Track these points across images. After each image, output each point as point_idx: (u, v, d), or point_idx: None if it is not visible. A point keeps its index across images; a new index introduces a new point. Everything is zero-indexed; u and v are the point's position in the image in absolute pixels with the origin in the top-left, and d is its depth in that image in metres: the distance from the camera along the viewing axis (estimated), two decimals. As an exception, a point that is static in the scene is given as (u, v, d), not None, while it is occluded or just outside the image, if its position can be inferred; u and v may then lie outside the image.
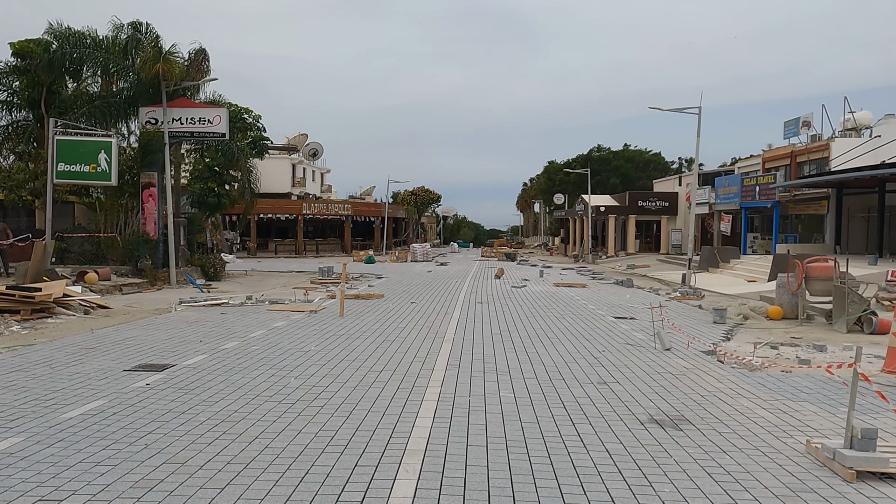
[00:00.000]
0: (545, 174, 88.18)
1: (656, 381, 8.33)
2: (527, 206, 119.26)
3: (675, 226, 46.16)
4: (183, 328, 12.30)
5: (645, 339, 11.60)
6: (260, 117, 32.82)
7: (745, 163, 43.52)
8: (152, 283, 20.80)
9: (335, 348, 10.28)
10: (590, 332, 12.51)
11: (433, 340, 11.16)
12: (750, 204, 35.23)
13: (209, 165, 28.15)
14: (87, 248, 22.51)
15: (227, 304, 16.48)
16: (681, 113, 24.45)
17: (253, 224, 51.51)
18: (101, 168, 18.02)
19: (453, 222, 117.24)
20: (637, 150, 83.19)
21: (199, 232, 25.13)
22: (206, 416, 6.40)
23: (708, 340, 11.68)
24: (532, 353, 10.15)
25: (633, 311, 16.02)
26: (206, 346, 10.39)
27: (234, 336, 11.43)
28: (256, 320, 13.53)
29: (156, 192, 21.79)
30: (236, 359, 9.33)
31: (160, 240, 21.82)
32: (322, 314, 14.71)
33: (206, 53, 22.63)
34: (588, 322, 13.95)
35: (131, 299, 17.54)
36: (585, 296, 20.16)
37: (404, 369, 8.70)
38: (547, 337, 11.79)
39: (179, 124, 21.67)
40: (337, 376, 8.24)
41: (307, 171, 71.37)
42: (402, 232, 73.60)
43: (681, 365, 9.41)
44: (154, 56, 20.07)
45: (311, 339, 11.19)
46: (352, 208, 56.88)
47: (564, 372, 8.74)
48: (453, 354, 9.80)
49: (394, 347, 10.41)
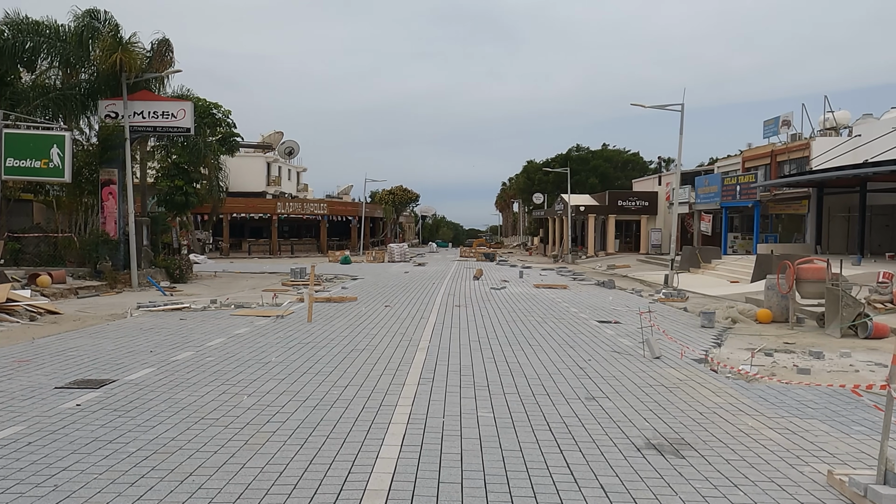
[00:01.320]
0: (524, 174, 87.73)
1: (649, 395, 7.59)
2: (506, 205, 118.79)
3: (655, 225, 45.81)
4: (135, 336, 11.33)
5: (632, 346, 10.89)
6: (230, 113, 31.69)
7: (724, 162, 43.28)
8: (112, 286, 19.70)
9: (298, 359, 9.40)
10: (573, 338, 11.78)
11: (406, 349, 10.33)
12: (731, 203, 34.88)
13: (176, 163, 27.01)
14: (44, 248, 21.29)
15: (189, 308, 15.50)
16: (663, 110, 23.88)
17: (226, 224, 50.22)
18: (54, 164, 16.86)
19: (432, 222, 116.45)
20: (616, 149, 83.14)
21: (164, 232, 23.99)
22: (137, 446, 5.51)
23: (698, 347, 11.00)
24: (513, 362, 9.37)
25: (617, 315, 15.34)
26: (155, 357, 9.46)
27: (189, 345, 10.49)
28: (217, 327, 12.59)
29: (116, 189, 20.65)
30: (187, 372, 8.42)
31: (121, 240, 20.68)
32: (289, 319, 13.80)
33: (170, 44, 21.51)
34: (571, 327, 13.22)
35: (86, 304, 16.47)
36: (567, 298, 19.47)
37: (372, 384, 7.86)
38: (528, 344, 11.03)
39: (141, 118, 20.53)
40: (296, 393, 7.38)
41: (283, 169, 70.05)
42: (379, 232, 72.59)
43: (673, 376, 8.70)
44: (112, 45, 18.92)
45: (273, 348, 10.30)
46: (328, 208, 55.78)
47: (548, 385, 7.97)
48: (427, 365, 8.98)
49: (363, 357, 9.57)
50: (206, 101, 29.64)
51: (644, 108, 24.64)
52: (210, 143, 25.99)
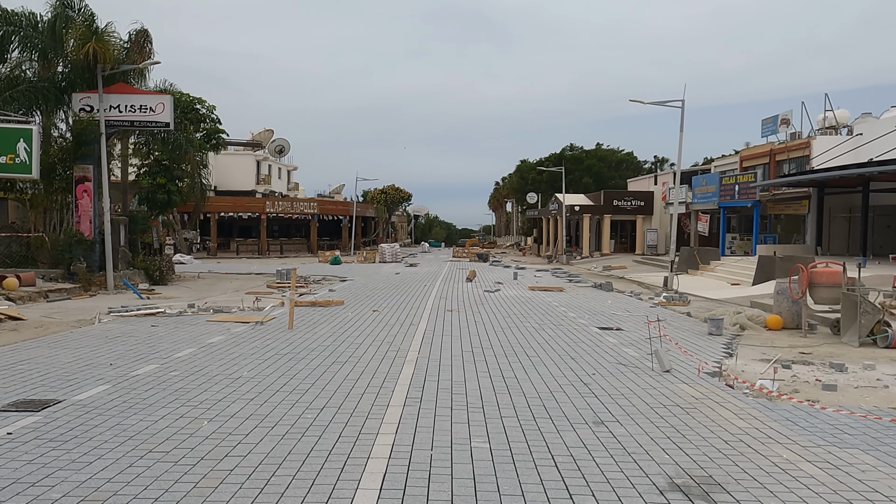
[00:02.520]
0: (517, 173, 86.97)
1: (663, 417, 6.75)
2: (499, 205, 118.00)
3: (651, 226, 45.06)
4: (97, 346, 10.40)
5: (638, 357, 10.05)
6: (214, 108, 30.67)
7: (721, 161, 42.57)
8: (86, 289, 18.70)
9: (273, 374, 8.50)
10: (574, 347, 10.92)
11: (393, 361, 9.45)
12: (729, 203, 34.15)
13: (158, 160, 25.99)
14: (15, 249, 20.27)
15: (164, 313, 14.55)
16: (661, 107, 23.09)
17: (213, 223, 49.17)
18: (21, 159, 15.85)
19: (425, 222, 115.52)
20: (609, 149, 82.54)
21: (143, 231, 22.98)
22: (63, 490, 4.60)
23: (708, 357, 10.18)
24: (510, 377, 8.51)
25: (618, 321, 14.50)
26: (114, 371, 8.53)
27: (155, 357, 9.57)
28: (190, 335, 11.66)
29: (91, 186, 19.65)
30: (145, 391, 7.51)
31: (96, 240, 19.68)
32: (269, 325, 12.89)
33: (149, 35, 20.51)
34: (570, 334, 12.36)
35: (55, 308, 15.49)
36: (563, 301, 18.63)
37: (352, 405, 6.97)
38: (526, 354, 10.16)
39: (118, 112, 19.54)
40: (264, 417, 6.49)
41: (273, 168, 69.02)
42: (371, 231, 71.65)
43: (687, 393, 7.86)
44: (85, 34, 17.92)
45: (247, 360, 9.40)
46: (318, 207, 54.77)
47: (550, 406, 7.11)
48: (415, 382, 8.10)
49: (345, 372, 8.67)
50: (189, 96, 28.63)
51: (638, 108, 23.85)
52: (192, 138, 24.97)
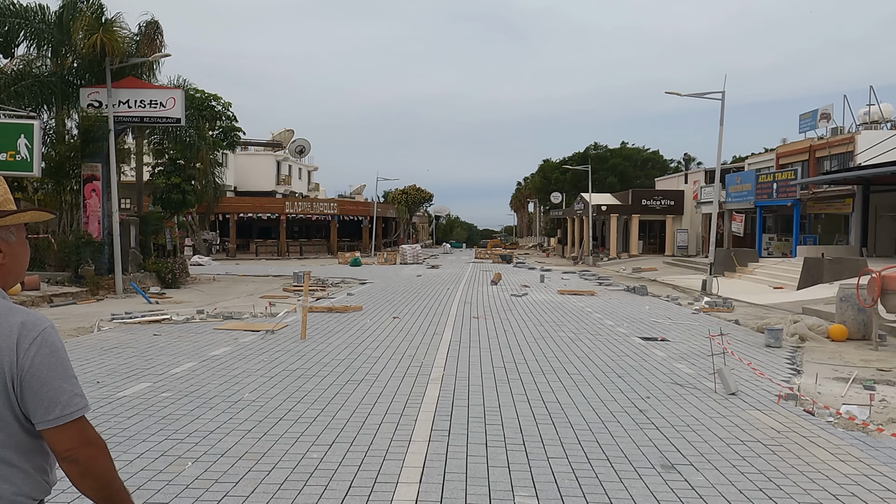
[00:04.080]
0: (540, 173, 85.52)
1: (746, 459, 5.52)
2: (521, 205, 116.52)
3: (682, 226, 43.46)
4: (90, 359, 9.41)
5: (695, 376, 8.81)
6: (230, 105, 29.77)
7: (755, 159, 40.90)
8: (94, 293, 17.86)
9: (278, 395, 7.41)
10: (618, 362, 9.70)
11: (415, 379, 8.31)
12: (766, 202, 32.55)
13: (172, 158, 25.19)
14: (23, 251, 19.50)
15: (170, 320, 13.59)
16: (699, 98, 21.69)
17: (233, 224, 48.56)
18: (22, 156, 14.99)
19: (446, 222, 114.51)
20: (635, 147, 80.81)
21: (156, 232, 22.15)
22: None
23: (774, 374, 8.90)
24: (551, 401, 7.32)
25: (661, 329, 13.23)
26: (99, 391, 7.51)
27: (150, 372, 8.54)
28: (193, 346, 10.64)
29: (100, 186, 18.82)
30: (127, 417, 6.46)
31: (105, 241, 18.84)
32: (280, 335, 11.84)
33: (160, 27, 19.64)
34: (611, 346, 11.14)
35: (58, 313, 14.62)
36: (597, 306, 17.37)
37: (366, 440, 5.84)
38: (566, 371, 8.96)
39: (127, 108, 18.67)
40: (262, 456, 5.38)
41: (293, 168, 68.46)
42: (392, 232, 70.73)
43: (764, 423, 6.61)
44: (92, 25, 17.06)
45: (250, 377, 8.32)
46: (338, 207, 53.93)
47: (605, 441, 5.91)
48: (442, 408, 6.95)
49: (360, 393, 7.56)
50: (204, 93, 27.79)
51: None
52: (205, 135, 24.11)
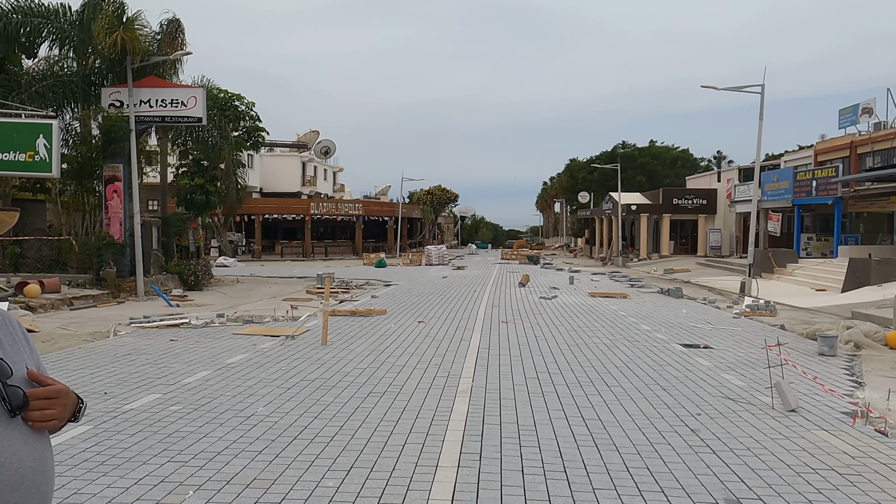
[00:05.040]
0: (567, 172, 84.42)
1: (823, 493, 4.81)
2: (547, 205, 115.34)
3: (714, 225, 42.25)
4: (100, 367, 8.98)
5: (747, 388, 8.07)
6: (253, 105, 29.45)
7: (792, 156, 39.59)
8: (115, 296, 17.58)
9: (294, 410, 6.86)
10: (660, 372, 8.99)
11: (442, 391, 7.71)
12: (804, 201, 31.33)
13: (196, 159, 24.94)
14: (46, 253, 19.36)
15: (189, 324, 13.18)
16: (737, 92, 20.78)
17: (258, 225, 48.48)
18: (40, 156, 14.72)
19: (471, 223, 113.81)
20: (664, 146, 79.38)
21: (178, 234, 21.87)
22: None
23: (833, 386, 8.12)
24: (591, 418, 6.66)
25: (702, 336, 12.46)
26: (104, 403, 7.04)
27: (161, 382, 8.07)
28: (209, 353, 10.17)
29: (121, 187, 18.55)
30: (131, 434, 5.95)
31: (127, 243, 18.56)
32: (301, 340, 11.33)
33: (181, 24, 19.32)
34: (651, 353, 10.42)
35: (76, 317, 14.31)
36: (631, 310, 16.60)
37: (388, 465, 5.24)
38: (605, 383, 8.28)
39: (148, 107, 18.40)
40: (271, 485, 4.81)
41: (318, 169, 68.43)
42: (417, 233, 70.27)
43: (833, 446, 5.88)
44: (112, 23, 16.78)
45: (266, 388, 7.80)
46: (363, 208, 53.59)
47: (656, 468, 5.24)
48: (472, 426, 6.33)
49: (382, 407, 6.97)
50: (227, 93, 27.55)
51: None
52: (227, 135, 23.80)
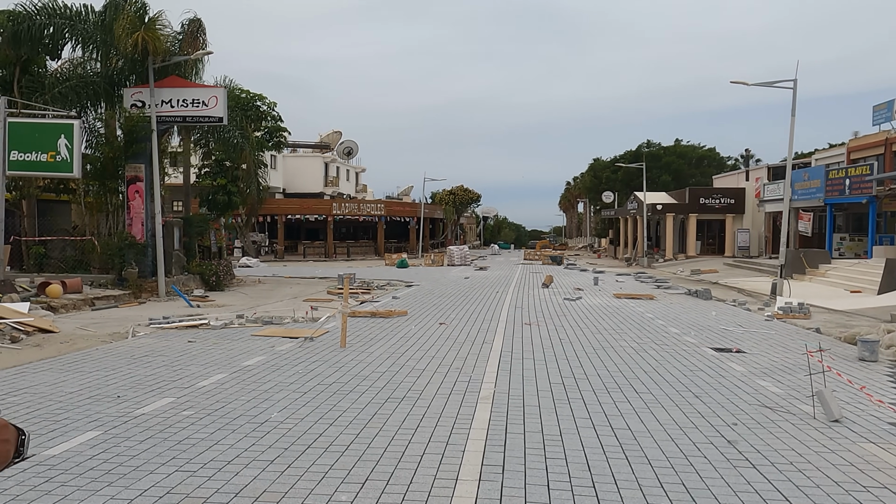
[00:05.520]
0: (590, 172, 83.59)
1: (877, 513, 4.42)
2: (570, 205, 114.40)
3: (742, 225, 41.37)
4: (115, 369, 8.83)
5: (784, 396, 7.65)
6: (275, 105, 29.40)
7: (823, 154, 38.58)
8: (136, 296, 17.56)
9: (309, 415, 6.61)
10: (692, 378, 8.59)
11: (463, 397, 7.41)
12: (837, 200, 30.44)
13: (219, 160, 24.94)
14: (70, 253, 19.44)
15: (208, 325, 13.04)
16: (768, 87, 20.18)
17: (281, 226, 48.61)
18: (61, 156, 14.71)
19: (494, 223, 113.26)
20: (689, 145, 78.22)
21: (200, 234, 21.85)
22: None
23: (877, 394, 7.65)
24: (621, 428, 6.31)
25: (734, 339, 12.00)
26: (117, 407, 6.86)
27: (175, 385, 7.88)
28: (226, 355, 9.99)
29: (143, 187, 18.55)
30: (140, 441, 5.74)
31: (149, 244, 18.55)
32: (320, 342, 11.11)
33: (202, 24, 19.25)
34: (681, 358, 10.01)
35: (97, 318, 14.26)
36: (658, 312, 16.15)
37: (406, 477, 4.95)
38: (633, 389, 7.92)
39: (169, 107, 18.37)
40: (281, 497, 4.56)
41: (341, 170, 68.54)
42: (439, 233, 70.03)
43: (885, 461, 5.47)
44: (133, 23, 16.75)
45: (282, 393, 7.56)
46: (385, 208, 53.48)
47: (692, 483, 4.88)
48: (494, 435, 6.02)
49: (401, 414, 6.69)
50: (249, 93, 27.52)
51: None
52: (249, 135, 23.75)
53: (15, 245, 19.69)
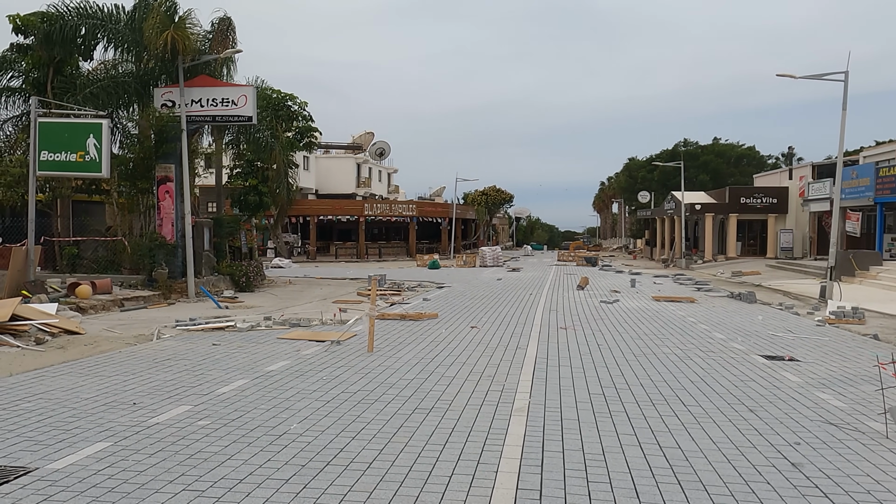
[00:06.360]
0: (626, 172, 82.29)
1: (979, 557, 3.78)
2: (604, 206, 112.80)
3: (786, 226, 39.96)
4: (135, 374, 8.54)
5: (849, 411, 6.98)
6: (306, 104, 29.25)
7: (872, 151, 37.04)
8: (166, 297, 17.44)
9: (331, 427, 6.18)
10: (744, 390, 7.94)
11: (496, 409, 6.91)
12: (888, 198, 29.08)
13: (249, 160, 24.84)
14: (102, 254, 19.46)
15: (234, 327, 12.77)
16: (818, 80, 19.20)
17: (313, 227, 48.65)
18: (90, 156, 14.64)
19: (526, 224, 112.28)
20: (728, 143, 76.49)
21: (231, 235, 21.72)
22: None
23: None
24: (670, 447, 5.73)
25: (784, 345, 11.25)
26: (131, 415, 6.52)
27: (194, 391, 7.54)
28: (250, 359, 9.65)
29: (173, 187, 18.45)
30: (150, 454, 5.37)
31: (178, 244, 18.44)
32: (347, 346, 10.71)
33: (232, 23, 19.11)
34: (729, 367, 9.34)
35: (124, 319, 14.11)
36: (701, 316, 15.40)
37: (433, 502, 4.47)
38: (680, 402, 7.31)
39: (199, 107, 18.24)
40: (294, 524, 4.12)
41: (373, 171, 68.49)
42: (471, 234, 69.50)
43: (975, 490, 4.79)
44: (163, 22, 16.64)
45: (304, 401, 7.16)
46: (417, 209, 53.16)
47: (756, 515, 4.30)
48: (529, 455, 5.50)
49: (428, 427, 6.22)
50: (280, 93, 27.43)
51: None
52: (278, 135, 23.58)
53: (48, 245, 19.81)
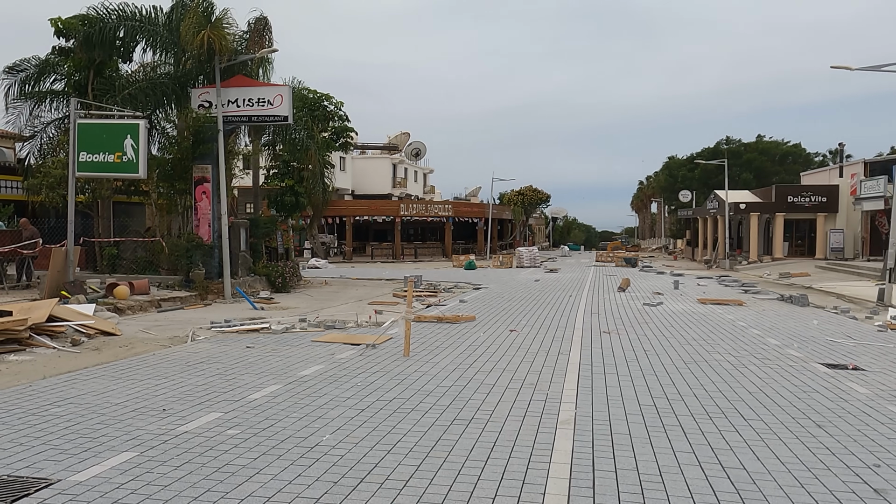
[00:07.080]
0: (665, 170, 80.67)
1: None
2: (643, 205, 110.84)
3: (836, 225, 38.46)
4: (167, 377, 8.35)
5: (930, 428, 6.35)
6: (342, 104, 29.15)
7: (929, 147, 35.33)
8: (202, 297, 17.42)
9: (365, 439, 5.84)
10: (807, 402, 7.35)
11: (540, 420, 6.48)
12: (948, 196, 27.61)
13: (286, 161, 24.81)
14: (141, 254, 19.58)
15: (269, 329, 12.58)
16: (877, 72, 18.23)
17: (349, 227, 48.73)
18: (128, 157, 14.66)
19: (563, 224, 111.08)
20: (773, 141, 74.31)
21: (267, 235, 21.68)
22: None
23: None
24: (733, 467, 5.23)
25: (845, 353, 10.56)
26: (159, 422, 6.29)
27: (225, 397, 7.29)
28: (284, 363, 9.40)
29: (210, 188, 18.44)
30: (177, 466, 5.10)
31: (215, 245, 18.42)
32: (382, 349, 10.40)
33: (268, 23, 19.05)
34: (789, 376, 8.73)
35: (161, 320, 14.06)
36: (750, 320, 14.69)
37: (475, 529, 4.08)
38: (739, 415, 6.78)
39: (235, 107, 18.20)
40: (324, 552, 3.77)
41: (409, 171, 68.48)
42: (508, 234, 68.89)
43: None
44: (200, 22, 16.62)
45: (338, 409, 6.84)
46: (453, 209, 52.84)
47: (842, 553, 3.80)
48: (579, 474, 5.06)
49: (467, 442, 5.83)
50: (316, 93, 27.39)
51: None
52: (314, 135, 23.48)
53: (89, 246, 20.02)
